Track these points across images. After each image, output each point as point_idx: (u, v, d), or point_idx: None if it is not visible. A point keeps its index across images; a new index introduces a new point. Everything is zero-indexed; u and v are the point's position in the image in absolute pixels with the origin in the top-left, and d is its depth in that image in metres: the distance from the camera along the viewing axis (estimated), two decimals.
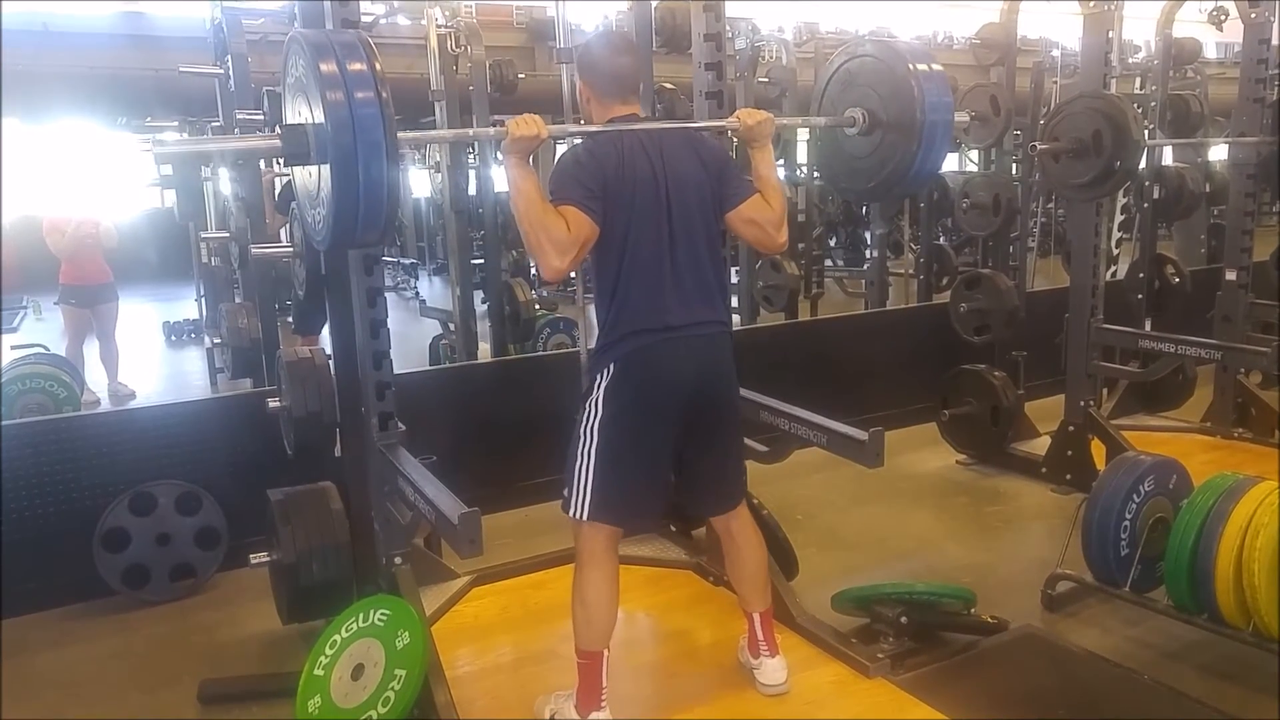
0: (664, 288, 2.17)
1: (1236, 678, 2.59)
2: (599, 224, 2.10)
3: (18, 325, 9.43)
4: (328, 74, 1.73)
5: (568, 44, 3.85)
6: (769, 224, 2.28)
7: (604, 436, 2.19)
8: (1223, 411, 4.57)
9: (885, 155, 2.46)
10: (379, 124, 1.75)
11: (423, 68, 5.62)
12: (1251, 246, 4.48)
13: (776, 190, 2.32)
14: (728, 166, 2.31)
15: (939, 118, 2.36)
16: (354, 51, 1.78)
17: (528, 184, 2.05)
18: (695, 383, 2.22)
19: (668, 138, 2.25)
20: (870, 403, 4.66)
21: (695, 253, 2.22)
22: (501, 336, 5.87)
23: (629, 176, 2.14)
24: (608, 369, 2.19)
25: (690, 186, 2.21)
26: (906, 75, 2.36)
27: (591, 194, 2.10)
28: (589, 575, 2.24)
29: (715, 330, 2.27)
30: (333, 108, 1.73)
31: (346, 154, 1.74)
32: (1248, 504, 2.53)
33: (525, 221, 2.05)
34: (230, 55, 4.51)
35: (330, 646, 2.42)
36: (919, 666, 2.58)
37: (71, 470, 3.30)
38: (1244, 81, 4.34)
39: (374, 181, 1.77)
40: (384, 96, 1.76)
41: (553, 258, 2.04)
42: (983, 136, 5.04)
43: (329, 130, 1.73)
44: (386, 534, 2.60)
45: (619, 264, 2.16)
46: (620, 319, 2.18)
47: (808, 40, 7.77)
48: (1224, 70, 9.52)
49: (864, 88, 2.47)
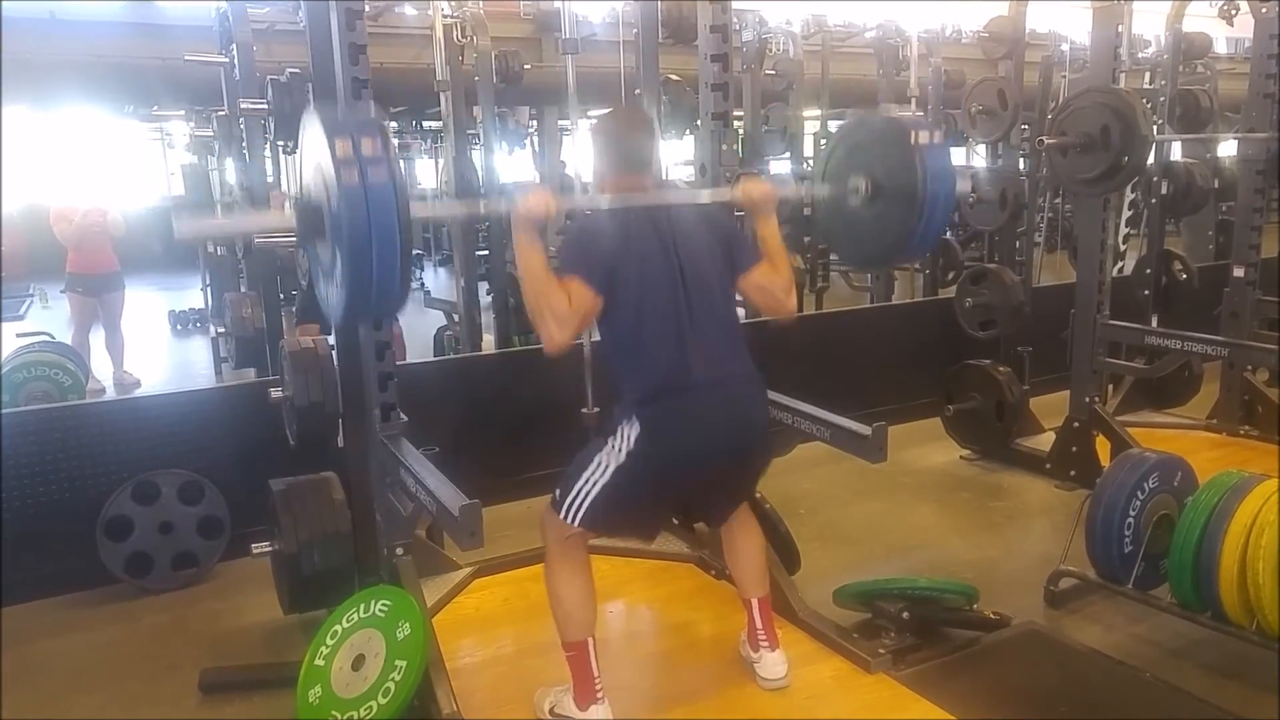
0: (685, 345, 2.18)
1: (1239, 676, 2.58)
2: (602, 296, 2.14)
3: (24, 313, 9.47)
4: (343, 155, 1.74)
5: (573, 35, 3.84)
6: (778, 289, 2.32)
7: (621, 478, 2.17)
8: (1228, 408, 4.54)
9: (886, 224, 2.49)
10: (392, 206, 1.76)
11: (428, 58, 5.60)
12: (1260, 243, 4.45)
13: (782, 257, 2.35)
14: (735, 235, 2.37)
15: (940, 188, 2.39)
16: (369, 132, 1.79)
17: (534, 257, 2.09)
18: (729, 440, 2.24)
19: (675, 208, 2.31)
20: (874, 397, 4.64)
21: (714, 311, 2.24)
22: (505, 328, 5.87)
23: (636, 247, 2.19)
24: (635, 421, 2.15)
25: (703, 252, 2.26)
26: (909, 147, 2.40)
27: (595, 267, 2.14)
28: (560, 569, 2.25)
29: (748, 387, 2.28)
30: (347, 189, 1.74)
31: (360, 235, 1.75)
32: (1253, 502, 2.51)
33: (529, 293, 2.10)
34: (236, 44, 4.50)
35: (331, 637, 2.42)
36: (920, 662, 2.57)
37: (75, 458, 3.30)
38: (1254, 77, 4.31)
39: (388, 263, 1.78)
40: (398, 179, 1.78)
41: (553, 329, 2.07)
42: (990, 131, 5.01)
43: (343, 211, 1.75)
44: (388, 525, 2.60)
45: (635, 328, 2.18)
46: (643, 378, 2.18)
47: (815, 33, 7.72)
48: (1234, 65, 9.45)
49: (867, 158, 2.52)
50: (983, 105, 4.91)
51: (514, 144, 8.12)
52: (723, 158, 2.99)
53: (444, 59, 5.36)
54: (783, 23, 6.47)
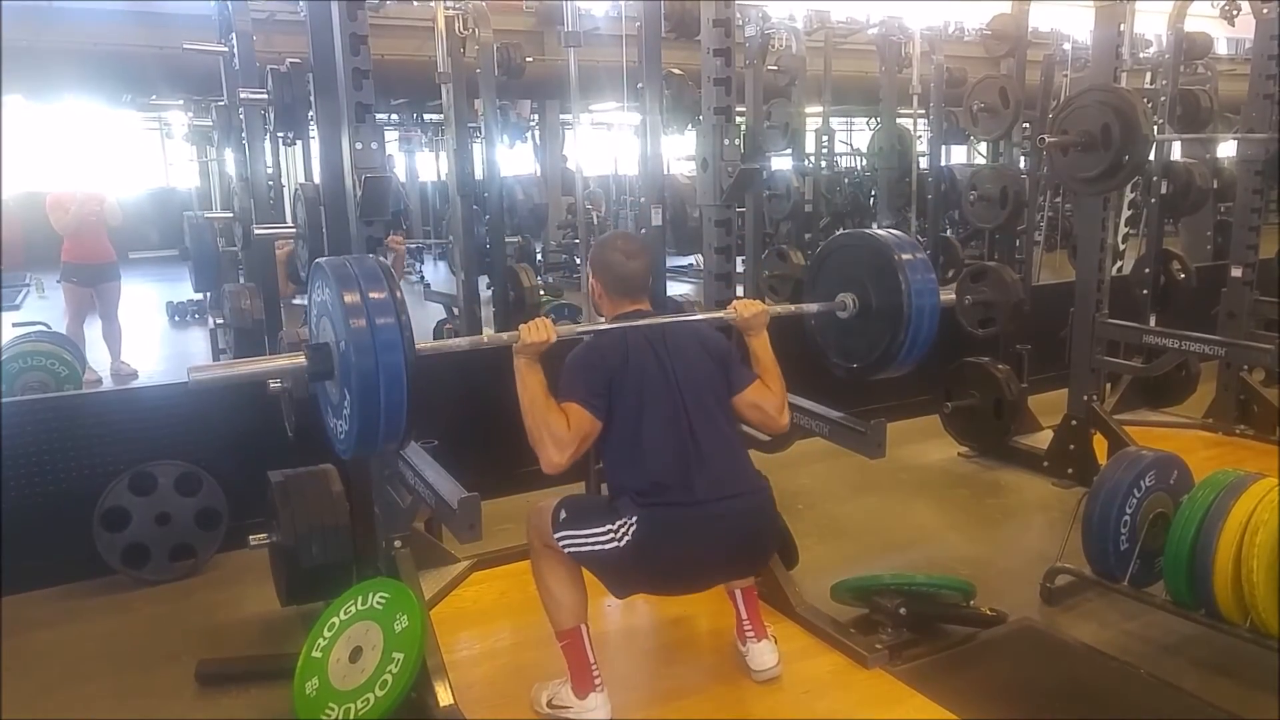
0: (688, 465, 2.19)
1: (1233, 673, 2.59)
2: (601, 420, 2.18)
3: (20, 303, 9.44)
4: (350, 302, 1.84)
5: (576, 29, 3.84)
6: (771, 408, 2.36)
7: (616, 560, 2.17)
8: (1225, 408, 4.56)
9: (874, 339, 2.59)
10: (399, 349, 1.84)
11: (430, 50, 5.58)
12: (1258, 243, 4.46)
13: (776, 375, 2.40)
14: (730, 355, 2.41)
15: (924, 303, 2.49)
16: (375, 280, 1.89)
17: (534, 383, 2.16)
18: (729, 555, 2.27)
19: (672, 329, 2.35)
20: (872, 394, 4.63)
21: (715, 427, 2.27)
22: (506, 321, 5.85)
23: (635, 370, 2.23)
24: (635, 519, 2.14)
25: (699, 372, 2.30)
26: (892, 265, 2.49)
27: (595, 391, 2.19)
28: (545, 558, 2.27)
29: (754, 500, 2.28)
30: (354, 333, 1.83)
31: (368, 376, 1.83)
32: (1248, 500, 2.53)
33: (529, 417, 2.15)
34: (235, 34, 4.48)
35: (329, 629, 2.43)
36: (917, 658, 2.58)
37: (72, 449, 3.30)
38: (1254, 77, 4.31)
39: (394, 403, 1.86)
40: (404, 321, 1.86)
41: (552, 453, 2.13)
42: (991, 128, 5.00)
43: (351, 354, 1.83)
44: (386, 517, 2.60)
45: (635, 447, 2.20)
46: (644, 486, 2.18)
47: (818, 29, 7.70)
48: (1234, 66, 9.44)
49: (853, 274, 2.61)
50: (984, 103, 4.90)
51: (515, 137, 8.08)
52: (725, 153, 2.99)
53: (445, 51, 5.33)
54: (786, 18, 6.44)
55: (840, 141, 13.40)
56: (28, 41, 6.73)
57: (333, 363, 1.91)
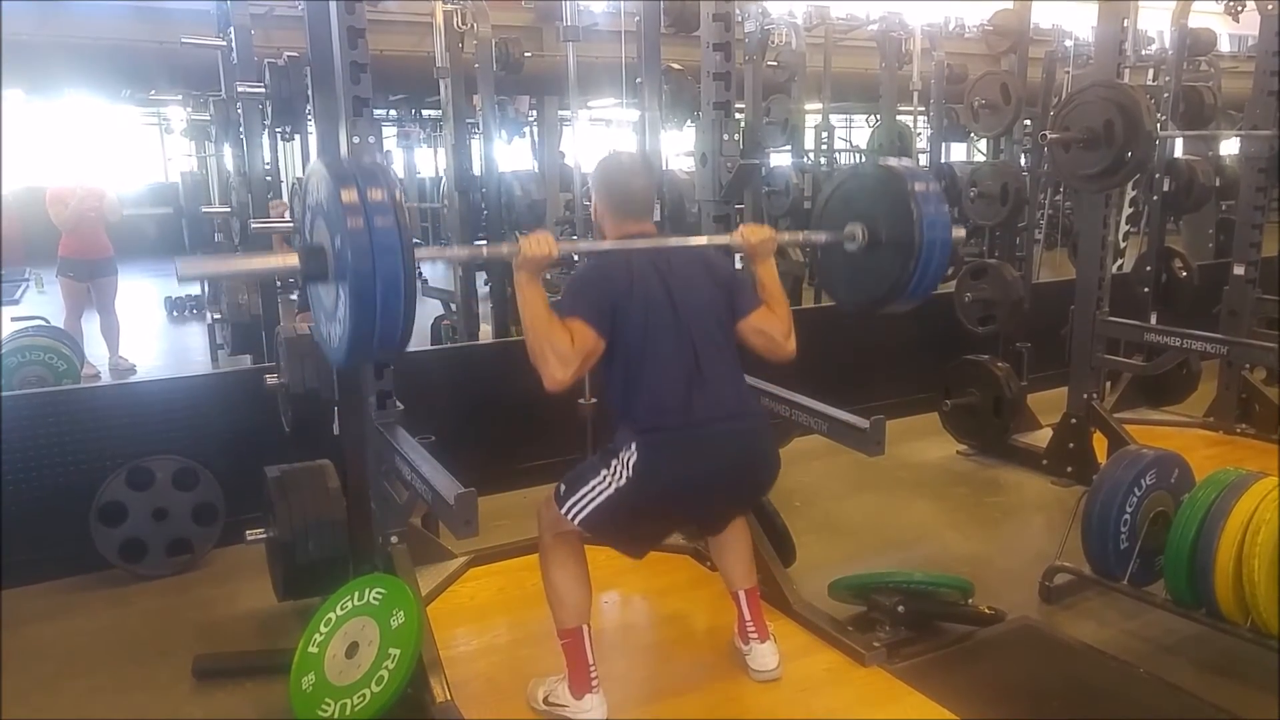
0: (691, 385, 2.18)
1: (1233, 673, 2.58)
2: (605, 338, 2.15)
3: (19, 297, 9.43)
4: (348, 201, 1.76)
5: (574, 24, 3.82)
6: (777, 334, 2.32)
7: (620, 498, 2.16)
8: (1226, 407, 4.55)
9: (883, 272, 2.50)
10: (397, 250, 1.77)
11: (428, 45, 5.57)
12: (1260, 241, 4.44)
13: (782, 301, 2.37)
14: (735, 279, 2.38)
15: (937, 235, 2.40)
16: (374, 180, 1.81)
17: (536, 299, 2.11)
18: (730, 478, 2.25)
19: (676, 253, 2.31)
20: (872, 391, 4.63)
21: (718, 352, 2.25)
22: (503, 317, 5.84)
23: (640, 292, 2.19)
24: (634, 448, 2.14)
25: (703, 297, 2.27)
26: (905, 195, 2.41)
27: (599, 310, 2.15)
28: (554, 555, 2.26)
29: (752, 424, 2.27)
30: (352, 233, 1.75)
31: (364, 279, 1.76)
32: (1249, 500, 2.51)
33: (530, 333, 2.11)
34: (233, 27, 4.47)
35: (325, 624, 2.42)
36: (915, 656, 2.57)
37: (69, 443, 3.29)
38: (1258, 74, 4.29)
39: (391, 306, 1.79)
40: (403, 223, 1.79)
41: (555, 368, 2.08)
42: (992, 125, 4.99)
43: (348, 255, 1.76)
44: (383, 513, 2.59)
45: (637, 369, 2.18)
46: (644, 413, 2.17)
47: (818, 25, 7.68)
48: (1238, 63, 9.43)
49: (864, 205, 2.52)
50: (985, 99, 4.89)
51: (513, 133, 8.07)
52: (724, 148, 2.98)
53: (444, 46, 5.33)
54: (785, 14, 6.43)
55: (840, 138, 13.37)
56: (27, 36, 6.72)
57: (327, 264, 1.83)
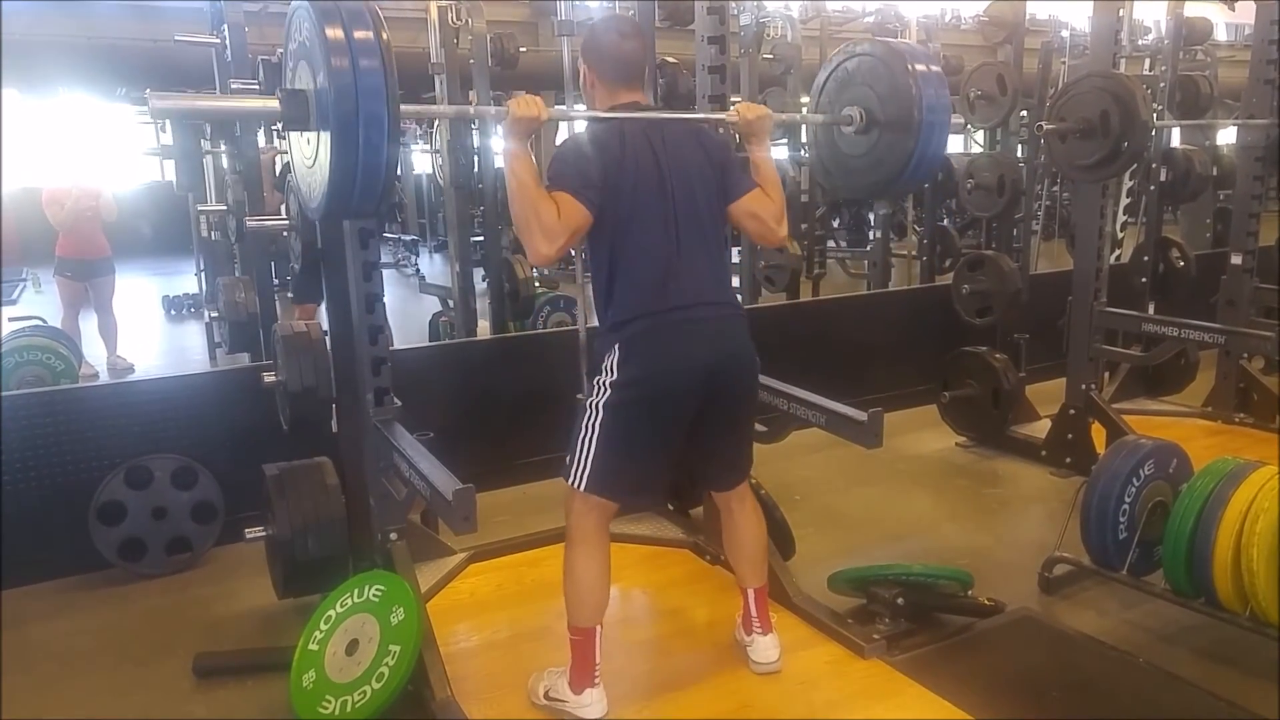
0: (669, 271, 2.14)
1: (1232, 662, 2.58)
2: (593, 213, 2.08)
3: (17, 297, 9.41)
4: (333, 40, 1.70)
5: (570, 18, 3.81)
6: (770, 217, 2.28)
7: (610, 416, 2.15)
8: (1224, 396, 4.55)
9: (881, 154, 2.45)
10: (382, 93, 1.72)
11: (423, 41, 5.55)
12: (1258, 230, 4.45)
13: (776, 184, 2.31)
14: (730, 159, 2.30)
15: (936, 118, 2.35)
16: (361, 19, 1.75)
17: (523, 167, 2.04)
18: (709, 366, 2.17)
19: (670, 127, 2.24)
20: (870, 384, 4.64)
21: (702, 238, 2.19)
22: (501, 314, 5.85)
23: (631, 165, 2.13)
24: (615, 349, 2.14)
25: (694, 175, 2.20)
26: (905, 74, 2.35)
27: (588, 182, 2.08)
28: (579, 552, 2.23)
29: (728, 313, 2.24)
30: (336, 74, 1.69)
31: (347, 122, 1.71)
32: (1248, 489, 2.52)
33: (516, 204, 2.04)
34: (227, 25, 4.46)
35: (325, 622, 2.42)
36: (914, 648, 2.57)
37: (68, 443, 3.29)
38: (1254, 63, 4.29)
39: (374, 151, 1.74)
40: (389, 65, 1.73)
41: (540, 243, 2.03)
42: (989, 116, 4.99)
43: (331, 97, 1.70)
44: (382, 510, 2.59)
45: (621, 249, 2.13)
46: (624, 302, 2.14)
47: (813, 18, 7.68)
48: (1234, 52, 9.42)
49: (862, 86, 2.46)
50: (981, 90, 4.88)
51: None
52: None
53: (439, 42, 5.31)
54: (781, 7, 6.42)
55: None
56: (21, 35, 6.70)
57: (308, 109, 1.77)
